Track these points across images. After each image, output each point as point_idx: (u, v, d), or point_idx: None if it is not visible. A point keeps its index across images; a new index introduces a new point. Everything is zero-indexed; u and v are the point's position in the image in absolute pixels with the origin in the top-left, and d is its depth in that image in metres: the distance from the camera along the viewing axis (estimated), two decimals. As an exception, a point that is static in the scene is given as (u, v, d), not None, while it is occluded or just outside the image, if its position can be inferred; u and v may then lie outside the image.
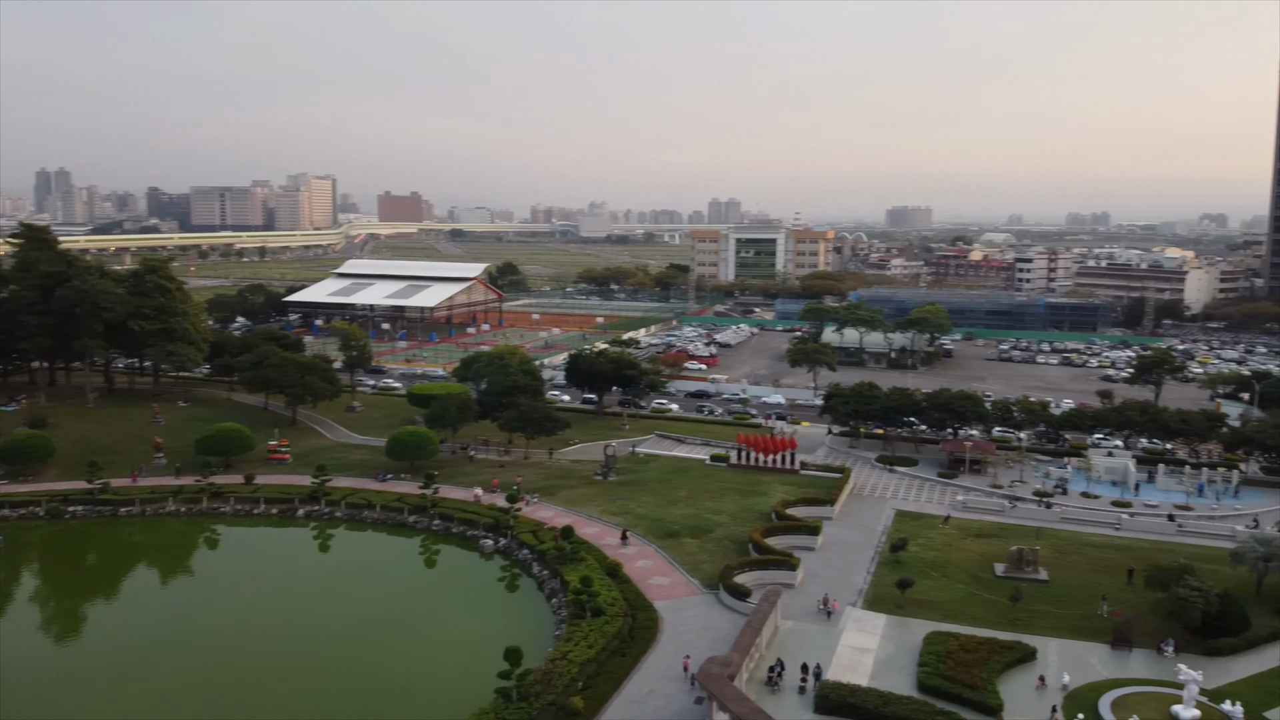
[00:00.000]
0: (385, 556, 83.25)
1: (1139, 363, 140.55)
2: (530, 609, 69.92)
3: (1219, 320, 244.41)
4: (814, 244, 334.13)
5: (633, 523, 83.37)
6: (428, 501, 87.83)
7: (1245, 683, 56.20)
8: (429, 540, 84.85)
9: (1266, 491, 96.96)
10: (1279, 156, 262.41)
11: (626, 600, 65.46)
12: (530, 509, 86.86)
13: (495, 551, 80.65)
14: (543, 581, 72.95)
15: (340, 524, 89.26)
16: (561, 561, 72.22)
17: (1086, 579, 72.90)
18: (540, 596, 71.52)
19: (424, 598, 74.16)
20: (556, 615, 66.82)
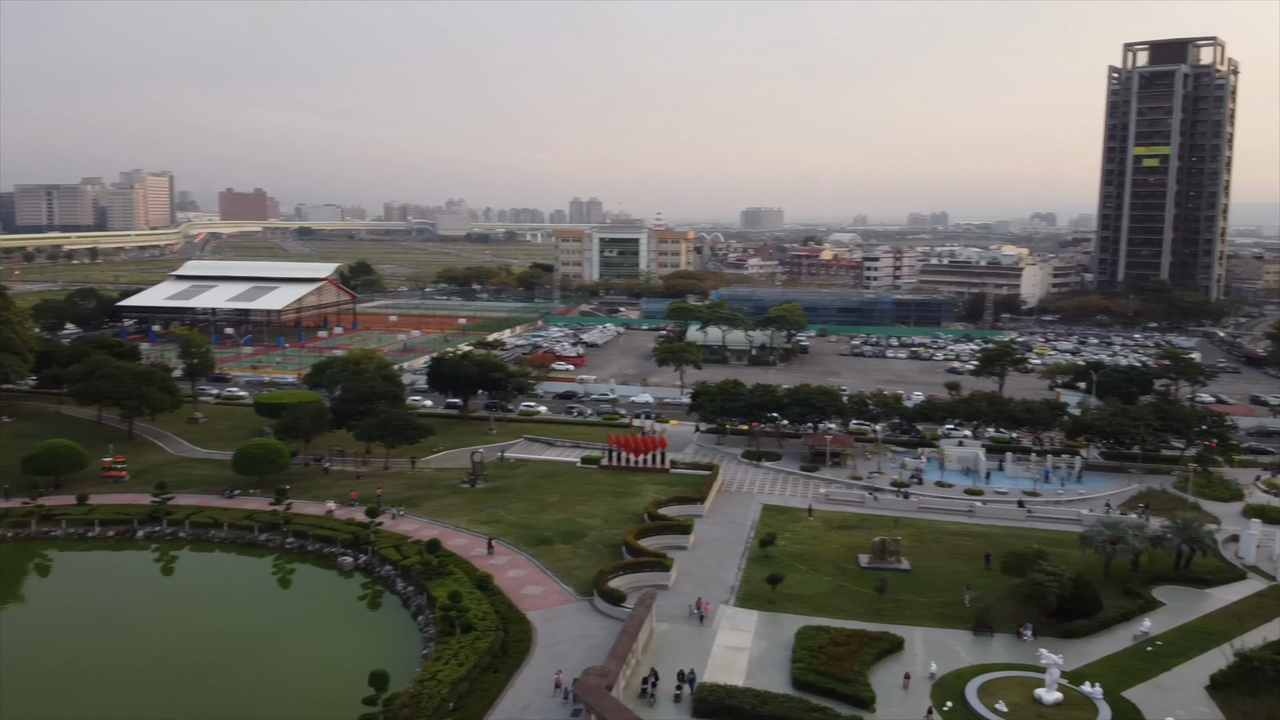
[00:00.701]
0: (235, 578, 77.93)
1: (983, 356, 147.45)
2: (395, 628, 66.65)
3: (1053, 314, 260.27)
4: (675, 244, 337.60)
5: (503, 531, 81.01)
6: (280, 518, 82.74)
7: (1101, 663, 58.90)
8: (283, 559, 79.96)
9: (1107, 476, 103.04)
10: (1106, 159, 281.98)
11: (498, 613, 63.22)
12: (393, 522, 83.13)
13: (355, 569, 76.67)
14: (408, 598, 69.72)
15: (184, 545, 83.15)
16: (428, 576, 69.17)
17: (946, 566, 75.33)
18: (405, 614, 68.28)
19: (279, 621, 69.68)
20: (424, 633, 63.86)
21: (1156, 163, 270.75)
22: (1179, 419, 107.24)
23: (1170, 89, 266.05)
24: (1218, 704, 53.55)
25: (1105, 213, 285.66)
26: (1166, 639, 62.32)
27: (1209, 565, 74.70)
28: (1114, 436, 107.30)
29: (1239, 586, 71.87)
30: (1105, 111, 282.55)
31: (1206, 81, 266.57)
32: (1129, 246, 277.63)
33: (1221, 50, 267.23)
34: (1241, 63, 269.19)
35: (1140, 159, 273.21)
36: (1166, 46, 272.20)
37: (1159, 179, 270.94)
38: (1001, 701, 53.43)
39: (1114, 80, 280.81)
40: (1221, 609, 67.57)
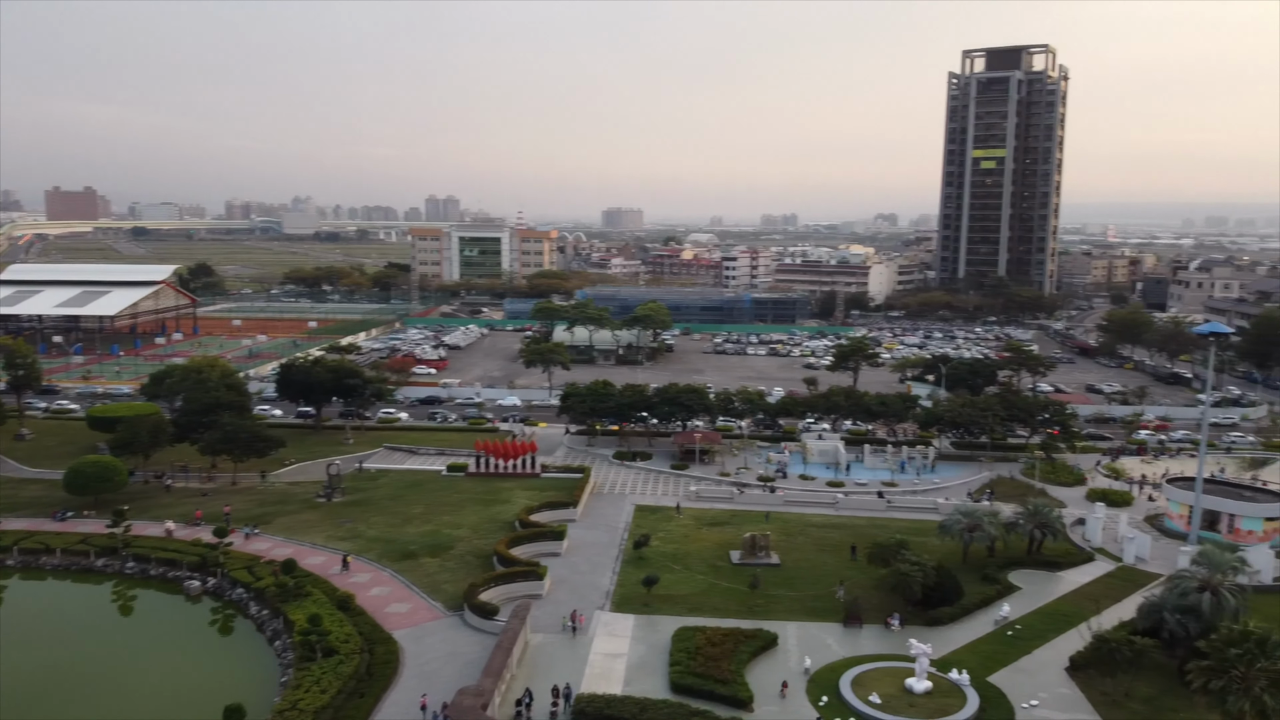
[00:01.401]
0: (71, 607, 71.28)
1: (838, 351, 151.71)
2: (250, 655, 62.20)
3: (899, 310, 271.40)
4: (538, 243, 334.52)
5: (364, 546, 77.19)
6: (118, 541, 76.21)
7: (966, 649, 60.66)
8: (123, 586, 73.65)
9: (958, 465, 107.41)
10: (947, 162, 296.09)
11: (362, 634, 59.84)
12: (243, 542, 77.92)
13: (203, 593, 71.35)
14: (263, 622, 65.28)
15: (13, 574, 75.54)
16: (284, 599, 64.92)
17: (814, 559, 76.48)
18: (261, 640, 63.86)
19: (122, 652, 63.90)
20: (282, 660, 59.77)
21: (993, 165, 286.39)
22: (1023, 408, 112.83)
23: (1006, 94, 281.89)
24: (1077, 684, 55.91)
25: (946, 213, 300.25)
26: (1025, 622, 64.84)
27: (1059, 549, 78.50)
28: (964, 427, 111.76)
29: (1089, 568, 75.75)
30: (945, 116, 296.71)
31: (1039, 87, 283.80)
32: (969, 244, 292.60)
33: (1053, 57, 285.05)
34: (1071, 69, 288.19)
35: (978, 161, 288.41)
36: (1002, 53, 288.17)
37: (996, 180, 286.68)
38: (875, 694, 54.15)
39: (953, 85, 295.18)
40: (1074, 590, 70.95)
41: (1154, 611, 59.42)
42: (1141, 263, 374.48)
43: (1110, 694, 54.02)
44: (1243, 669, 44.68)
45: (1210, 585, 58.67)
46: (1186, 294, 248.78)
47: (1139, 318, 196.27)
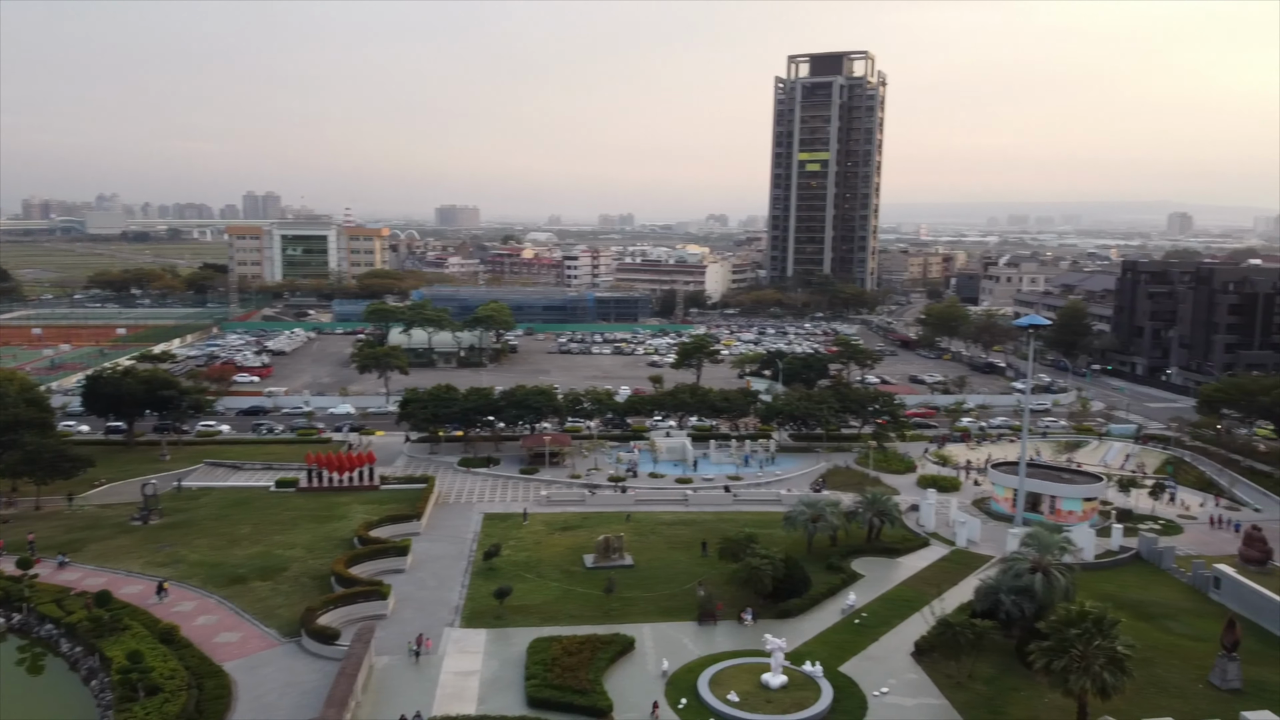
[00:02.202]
0: None
1: (682, 349, 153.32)
2: (64, 697, 55.95)
3: (734, 307, 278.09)
4: (369, 241, 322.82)
5: (187, 572, 71.19)
6: (-107, 581, 67.27)
7: (817, 640, 61.65)
8: (-99, 631, 65.00)
9: (797, 456, 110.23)
10: (775, 164, 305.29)
11: (189, 669, 54.82)
12: (52, 572, 70.34)
13: (8, 631, 63.92)
14: (76, 661, 58.87)
15: None
16: (99, 634, 58.78)
17: (666, 557, 76.24)
18: (75, 680, 57.52)
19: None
20: (100, 701, 53.99)
21: (818, 167, 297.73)
22: (855, 400, 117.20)
23: (829, 99, 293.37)
24: (923, 669, 57.74)
25: (775, 213, 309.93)
26: (870, 610, 66.67)
27: (896, 535, 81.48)
28: (801, 419, 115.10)
29: (925, 553, 78.92)
30: (773, 119, 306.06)
31: (859, 92, 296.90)
32: (796, 244, 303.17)
33: (872, 63, 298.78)
34: (888, 75, 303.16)
35: (804, 164, 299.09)
36: (825, 59, 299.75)
37: (820, 182, 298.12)
38: (733, 692, 54.10)
39: (780, 90, 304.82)
40: (913, 575, 73.65)
41: (991, 594, 62.17)
42: (954, 260, 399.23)
43: (954, 676, 56.03)
44: (1081, 648, 47.02)
45: (1041, 566, 61.82)
46: (997, 288, 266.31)
47: (955, 311, 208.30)
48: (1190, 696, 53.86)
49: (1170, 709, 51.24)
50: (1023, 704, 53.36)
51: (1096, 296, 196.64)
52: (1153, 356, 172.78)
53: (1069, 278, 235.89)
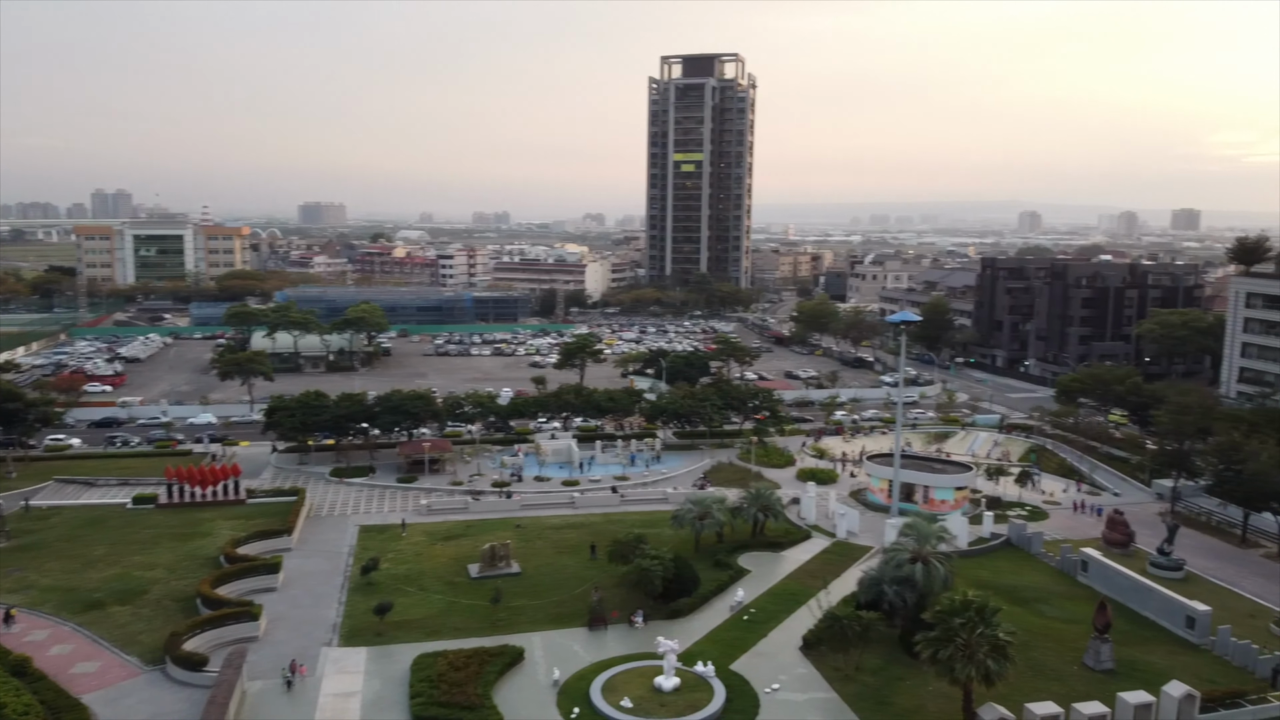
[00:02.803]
0: None
1: (564, 349, 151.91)
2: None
3: (615, 306, 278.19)
4: (228, 241, 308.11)
5: (37, 599, 65.51)
6: None
7: (708, 639, 61.42)
8: None
9: (683, 454, 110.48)
10: (651, 164, 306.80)
11: (44, 703, 50.04)
12: None
13: None
14: (-100, 707, 53.17)
15: None
16: (-70, 674, 53.19)
17: (554, 563, 74.85)
18: (-101, 729, 52.02)
19: None
20: (-69, 751, 48.90)
21: (693, 168, 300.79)
22: (736, 397, 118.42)
23: (701, 100, 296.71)
24: (812, 662, 58.25)
25: (652, 213, 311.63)
26: (758, 605, 66.98)
27: (780, 529, 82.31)
28: (685, 417, 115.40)
29: (808, 545, 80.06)
30: (648, 119, 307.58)
31: (731, 94, 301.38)
32: (674, 243, 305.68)
33: (742, 65, 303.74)
34: (758, 77, 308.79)
35: (679, 164, 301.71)
36: (697, 60, 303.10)
37: (695, 183, 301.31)
38: (626, 697, 53.27)
39: (654, 90, 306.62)
40: (798, 569, 74.53)
41: (874, 585, 63.35)
42: (822, 259, 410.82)
43: (842, 669, 56.70)
44: (966, 637, 48.09)
45: (920, 556, 63.40)
46: (864, 286, 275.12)
47: (825, 308, 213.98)
48: (1067, 678, 56.05)
49: (1049, 692, 53.07)
50: (909, 693, 54.41)
51: (958, 292, 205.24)
52: (1012, 349, 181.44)
53: (931, 275, 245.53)
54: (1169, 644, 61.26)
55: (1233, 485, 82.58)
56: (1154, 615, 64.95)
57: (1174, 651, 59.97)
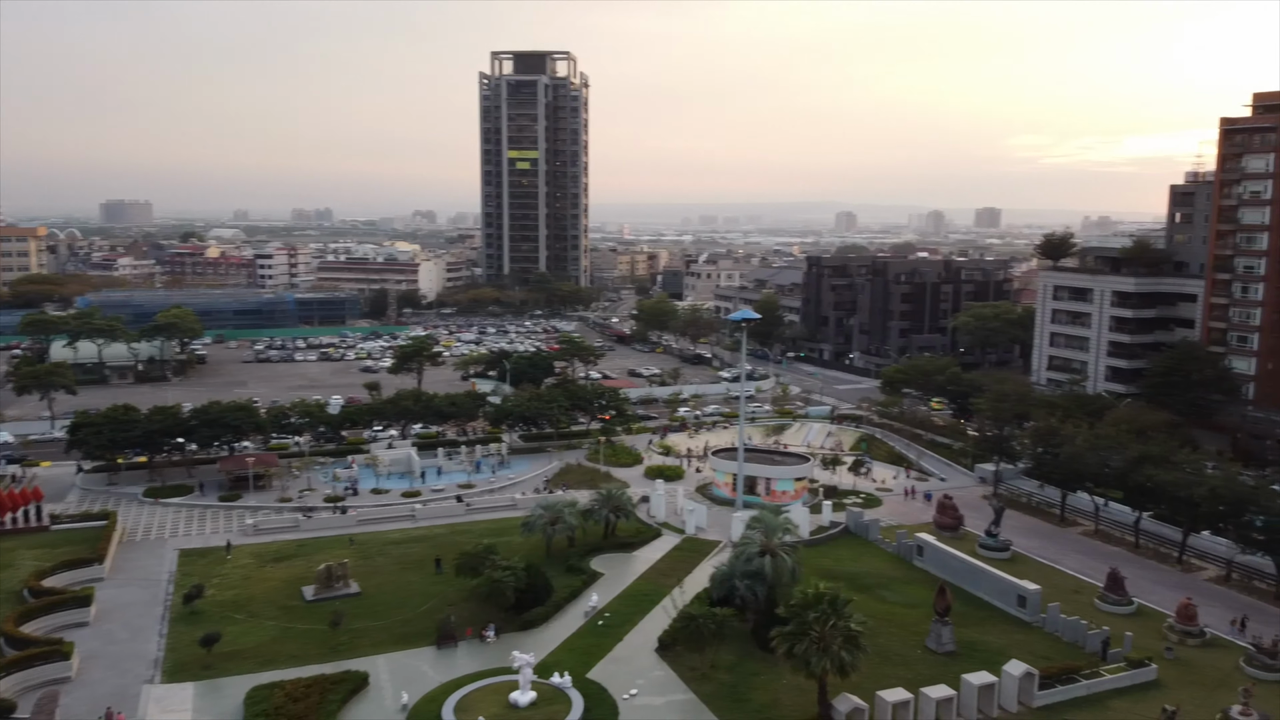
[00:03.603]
0: None
1: (400, 352, 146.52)
2: None
3: (451, 306, 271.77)
4: (22, 242, 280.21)
5: None
6: None
7: (563, 648, 60.00)
8: None
9: (530, 457, 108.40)
10: (484, 161, 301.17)
11: None
12: None
13: None
14: None
15: None
16: None
17: (397, 580, 71.53)
18: None
19: None
20: None
21: (528, 165, 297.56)
22: (583, 397, 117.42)
23: (534, 97, 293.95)
24: (668, 664, 57.85)
25: (488, 211, 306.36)
26: (612, 609, 66.13)
27: (631, 528, 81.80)
28: (531, 420, 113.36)
29: (658, 544, 79.91)
30: (480, 116, 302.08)
31: (564, 92, 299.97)
32: (511, 242, 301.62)
33: (574, 64, 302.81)
34: (591, 76, 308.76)
35: (514, 162, 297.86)
36: (528, 57, 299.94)
37: (531, 180, 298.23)
38: (480, 716, 51.25)
39: (485, 86, 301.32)
40: (650, 568, 74.18)
41: (726, 580, 63.66)
42: (658, 258, 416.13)
43: (698, 668, 56.56)
44: (820, 630, 48.69)
45: (768, 549, 64.22)
46: (699, 284, 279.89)
47: (664, 307, 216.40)
48: (912, 663, 57.95)
49: (896, 677, 54.66)
50: (764, 688, 54.83)
51: (786, 290, 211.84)
52: (838, 343, 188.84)
53: (761, 273, 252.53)
54: (1004, 623, 64.54)
55: (1051, 467, 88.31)
56: (987, 596, 68.29)
57: (1009, 630, 63.20)
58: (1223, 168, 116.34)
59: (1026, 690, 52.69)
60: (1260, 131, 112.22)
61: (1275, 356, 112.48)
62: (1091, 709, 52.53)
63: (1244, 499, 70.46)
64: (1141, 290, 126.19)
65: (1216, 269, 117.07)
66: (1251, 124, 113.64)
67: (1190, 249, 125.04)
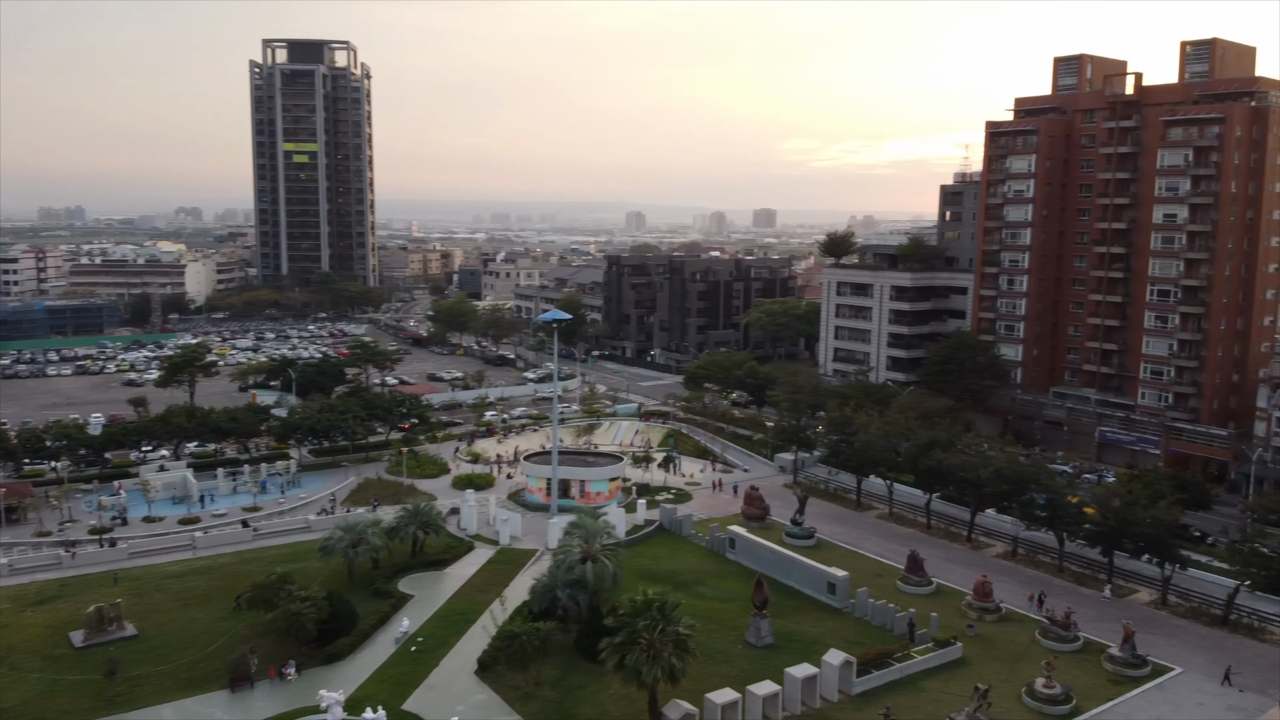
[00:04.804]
0: None
1: (169, 363, 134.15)
2: None
3: (223, 310, 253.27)
4: None
5: None
6: None
7: (375, 680, 55.84)
8: None
9: (324, 474, 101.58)
10: (258, 154, 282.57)
11: None
12: None
13: None
14: None
15: None
16: None
17: (180, 618, 64.57)
18: None
19: None
20: None
21: (306, 159, 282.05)
22: (380, 405, 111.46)
23: (312, 87, 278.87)
24: (490, 685, 55.04)
25: (262, 207, 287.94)
26: (425, 632, 62.45)
27: (441, 544, 77.82)
28: (323, 432, 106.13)
29: (472, 558, 76.53)
30: (251, 106, 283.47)
31: (344, 83, 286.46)
32: (290, 240, 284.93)
33: (354, 55, 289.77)
34: (373, 69, 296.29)
35: (291, 155, 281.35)
36: (304, 46, 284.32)
37: (310, 175, 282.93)
38: (288, 765, 46.69)
39: (256, 75, 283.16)
40: (464, 585, 70.79)
41: (547, 592, 61.66)
42: (452, 256, 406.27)
43: (522, 687, 54.18)
44: (649, 637, 47.56)
45: (590, 554, 62.78)
46: (498, 283, 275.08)
47: (464, 307, 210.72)
48: (734, 659, 58.11)
49: (721, 675, 54.56)
50: (591, 701, 53.23)
51: (587, 288, 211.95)
52: (639, 340, 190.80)
53: (561, 272, 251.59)
54: (816, 611, 66.15)
55: (846, 455, 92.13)
56: (798, 584, 69.90)
57: (821, 618, 64.81)
58: (989, 168, 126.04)
59: (846, 678, 53.99)
60: (1022, 134, 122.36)
61: (1040, 344, 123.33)
62: (906, 691, 54.50)
63: (1026, 479, 75.99)
64: (917, 285, 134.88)
65: (985, 263, 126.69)
66: (1014, 127, 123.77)
67: (960, 245, 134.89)
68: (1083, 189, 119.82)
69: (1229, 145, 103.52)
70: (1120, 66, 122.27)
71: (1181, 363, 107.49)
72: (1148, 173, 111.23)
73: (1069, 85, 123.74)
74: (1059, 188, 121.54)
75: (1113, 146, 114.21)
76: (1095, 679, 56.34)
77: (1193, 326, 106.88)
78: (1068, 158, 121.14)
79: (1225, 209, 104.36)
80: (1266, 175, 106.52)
